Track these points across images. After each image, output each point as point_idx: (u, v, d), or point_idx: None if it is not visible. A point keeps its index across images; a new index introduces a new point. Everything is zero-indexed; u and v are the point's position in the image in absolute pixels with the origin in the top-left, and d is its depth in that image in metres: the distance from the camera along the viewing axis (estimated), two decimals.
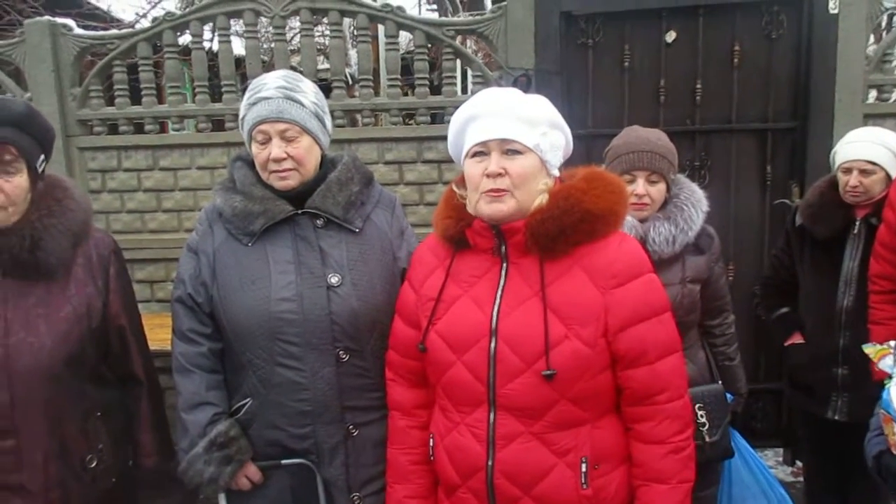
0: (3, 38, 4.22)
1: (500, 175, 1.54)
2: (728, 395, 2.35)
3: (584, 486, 1.56)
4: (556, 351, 1.52)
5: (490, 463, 1.58)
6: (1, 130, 1.63)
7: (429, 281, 1.72)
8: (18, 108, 1.69)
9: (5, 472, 1.69)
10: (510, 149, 1.56)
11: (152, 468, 1.94)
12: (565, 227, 1.55)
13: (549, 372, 1.51)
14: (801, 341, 2.91)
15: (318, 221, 1.85)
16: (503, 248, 1.61)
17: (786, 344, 2.98)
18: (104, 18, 7.18)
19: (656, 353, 1.59)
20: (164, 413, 1.98)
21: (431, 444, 1.74)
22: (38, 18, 4.00)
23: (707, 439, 2.21)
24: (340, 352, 1.80)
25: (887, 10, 3.60)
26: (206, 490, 1.82)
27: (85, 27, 4.51)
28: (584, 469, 1.56)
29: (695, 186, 2.31)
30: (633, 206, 2.16)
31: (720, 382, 2.35)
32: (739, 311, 2.60)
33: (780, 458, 4.00)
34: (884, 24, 5.61)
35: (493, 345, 1.57)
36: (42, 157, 1.75)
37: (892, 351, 1.67)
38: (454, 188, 1.72)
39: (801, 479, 3.48)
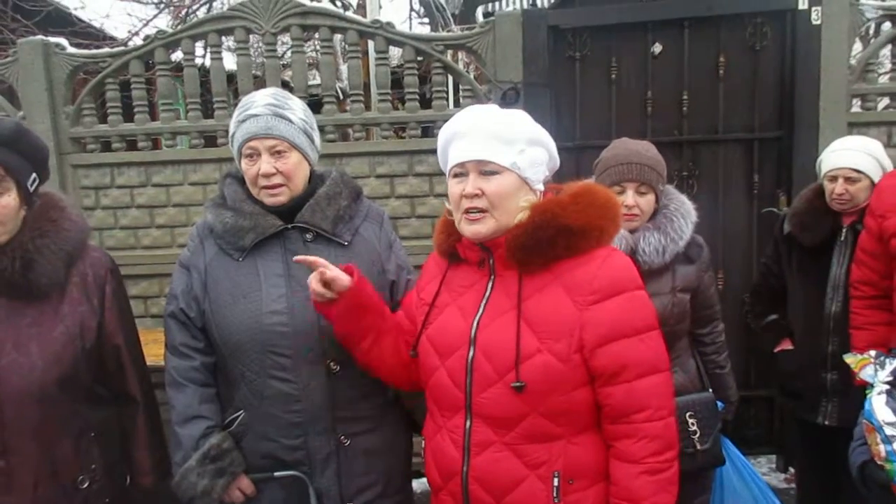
0: None
1: (476, 196, 1.56)
2: (719, 403, 2.36)
3: (556, 501, 1.56)
4: (527, 364, 1.53)
5: (465, 469, 1.60)
6: None
7: (428, 287, 1.78)
8: (6, 127, 1.67)
9: None
10: (486, 170, 1.57)
11: (149, 487, 1.93)
12: (540, 242, 1.55)
13: (518, 384, 1.52)
14: (791, 348, 2.94)
15: (307, 235, 1.87)
16: (491, 260, 1.64)
17: (775, 351, 3.01)
18: (97, 36, 7.21)
19: (636, 371, 1.56)
20: (160, 432, 1.97)
21: (423, 445, 1.77)
22: (31, 38, 4.03)
23: (698, 447, 2.22)
24: (331, 363, 1.82)
25: (869, 20, 3.65)
26: (200, 503, 1.82)
27: (78, 45, 4.55)
28: (556, 483, 1.56)
29: (684, 197, 2.34)
30: (622, 217, 2.17)
31: (710, 390, 2.37)
32: (729, 319, 2.63)
33: (773, 465, 4.02)
34: (871, 31, 5.69)
35: (471, 353, 1.59)
36: (34, 176, 1.73)
37: (872, 361, 1.69)
38: (446, 204, 1.74)
39: (793, 485, 3.49)
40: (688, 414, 2.22)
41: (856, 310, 2.51)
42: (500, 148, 1.56)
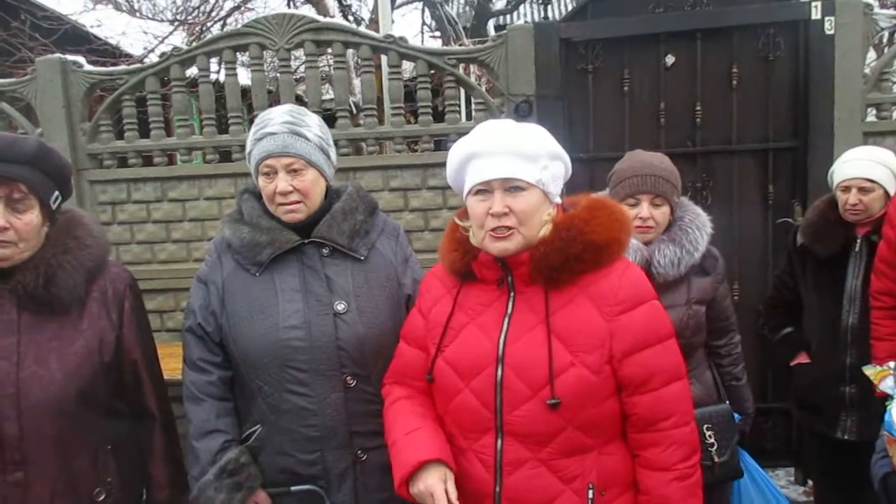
0: (15, 76, 4.31)
1: (504, 214, 1.56)
2: (735, 415, 2.35)
3: None
4: (561, 378, 1.53)
5: (498, 489, 1.58)
6: (12, 168, 1.65)
7: (436, 307, 1.74)
8: (30, 145, 1.70)
9: None
10: (513, 186, 1.56)
11: (165, 501, 1.93)
12: (569, 258, 1.56)
13: (553, 401, 1.52)
14: (807, 361, 2.92)
15: (324, 250, 1.88)
16: (509, 278, 1.63)
17: (791, 364, 2.98)
18: (113, 54, 7.30)
19: (661, 379, 1.58)
20: (178, 447, 1.97)
21: None
22: (48, 56, 4.09)
23: (716, 459, 2.21)
24: (348, 377, 1.83)
25: (883, 29, 3.64)
26: None
27: (95, 63, 4.60)
28: (590, 495, 1.56)
29: (699, 209, 2.33)
30: (637, 229, 2.18)
31: (727, 402, 2.36)
32: (745, 330, 2.61)
33: (792, 478, 3.97)
34: (885, 40, 5.66)
35: (499, 372, 1.57)
36: (56, 193, 1.76)
37: (892, 372, 1.68)
38: (457, 221, 1.73)
39: (812, 499, 3.45)
40: (705, 426, 2.20)
41: (876, 320, 2.49)
42: (524, 165, 1.56)
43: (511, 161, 1.55)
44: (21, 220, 1.68)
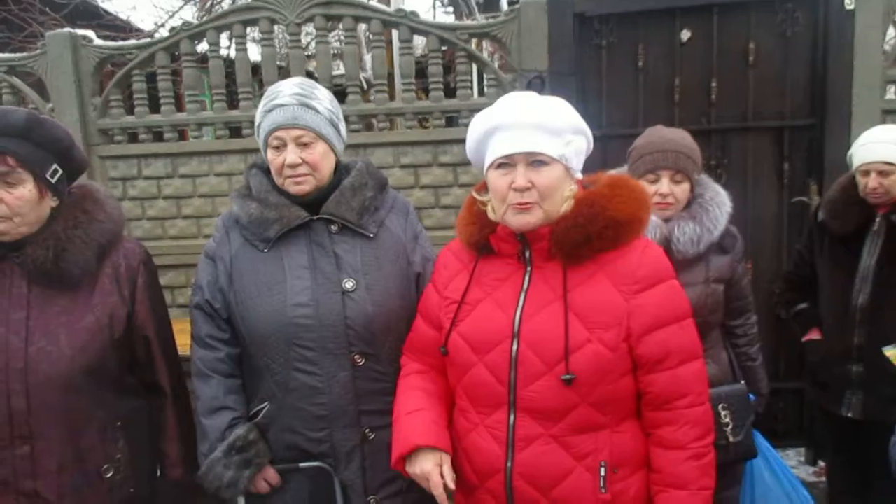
0: (25, 51, 4.30)
1: (527, 189, 1.54)
2: (750, 396, 2.34)
3: (603, 491, 1.56)
4: (577, 355, 1.53)
5: (509, 465, 1.59)
6: None
7: (452, 284, 1.74)
8: (18, 117, 1.67)
9: (21, 478, 1.69)
10: (536, 160, 1.55)
11: (179, 479, 1.94)
12: (590, 235, 1.56)
13: (568, 376, 1.52)
14: (818, 338, 2.90)
15: (332, 227, 1.86)
16: (527, 253, 1.62)
17: (803, 340, 2.97)
18: (124, 28, 7.27)
19: (678, 358, 1.58)
20: (191, 424, 1.97)
21: None
22: (59, 31, 4.06)
23: (731, 439, 2.21)
24: (356, 356, 1.82)
25: None
26: (226, 493, 1.84)
27: (105, 37, 4.59)
28: (602, 473, 1.56)
29: (719, 187, 2.31)
30: (657, 205, 2.17)
31: (743, 382, 2.34)
32: (758, 310, 2.58)
33: (802, 458, 3.96)
34: None
35: (514, 347, 1.57)
36: (54, 166, 1.73)
37: None
38: (475, 195, 1.72)
39: (823, 479, 3.45)
40: (720, 406, 2.20)
41: None
42: (548, 139, 1.55)
43: (535, 135, 1.54)
44: (12, 195, 1.66)
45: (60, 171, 1.76)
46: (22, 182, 1.68)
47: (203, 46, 4.11)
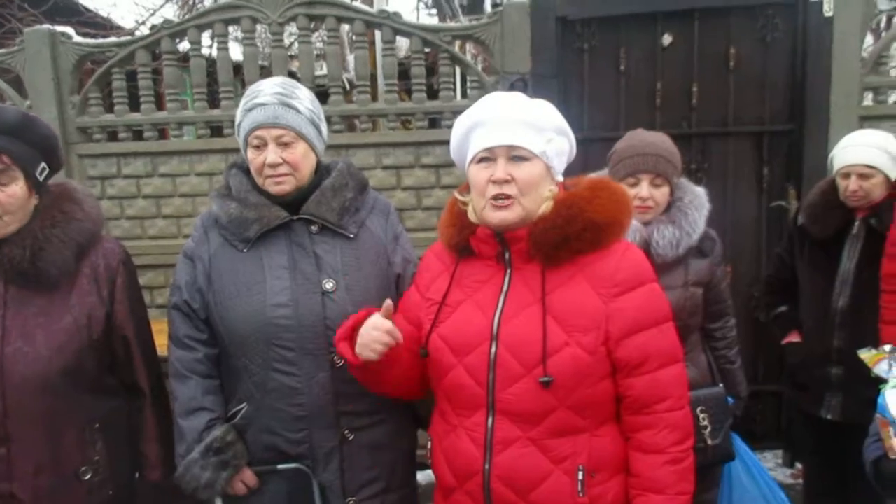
0: (3, 47, 4.24)
1: (506, 181, 1.55)
2: (728, 398, 2.35)
3: (581, 495, 1.56)
4: (555, 358, 1.53)
5: (487, 467, 1.58)
6: None
7: (434, 285, 1.74)
8: (12, 115, 1.67)
9: None
10: (517, 155, 1.55)
11: (159, 480, 1.93)
12: (568, 237, 1.56)
13: (545, 379, 1.51)
14: (798, 340, 2.92)
15: (312, 227, 1.85)
16: (507, 254, 1.62)
17: (783, 342, 2.99)
18: (104, 26, 7.21)
19: (658, 361, 1.59)
20: (170, 425, 1.94)
21: (429, 446, 1.75)
22: (37, 27, 4.01)
23: (709, 442, 2.22)
24: (335, 357, 1.80)
25: (882, 12, 3.61)
26: (203, 494, 1.82)
27: (85, 35, 4.53)
28: (580, 477, 1.56)
29: (698, 190, 2.32)
30: (637, 209, 2.16)
31: (721, 385, 2.36)
32: (737, 314, 2.60)
33: (780, 461, 3.99)
34: (882, 24, 5.62)
35: (493, 349, 1.57)
36: (42, 165, 1.73)
37: (887, 356, 1.68)
38: (457, 196, 1.72)
39: (800, 481, 3.47)
40: (699, 409, 2.20)
41: (886, 304, 2.45)
42: (531, 134, 1.56)
43: (518, 129, 1.55)
44: (4, 193, 1.66)
45: (48, 170, 1.75)
46: (14, 180, 1.67)
47: (184, 45, 4.08)
